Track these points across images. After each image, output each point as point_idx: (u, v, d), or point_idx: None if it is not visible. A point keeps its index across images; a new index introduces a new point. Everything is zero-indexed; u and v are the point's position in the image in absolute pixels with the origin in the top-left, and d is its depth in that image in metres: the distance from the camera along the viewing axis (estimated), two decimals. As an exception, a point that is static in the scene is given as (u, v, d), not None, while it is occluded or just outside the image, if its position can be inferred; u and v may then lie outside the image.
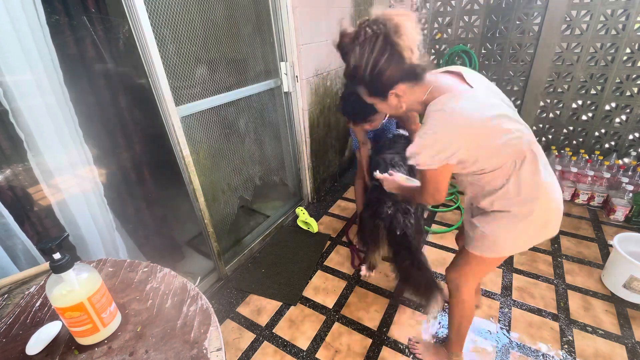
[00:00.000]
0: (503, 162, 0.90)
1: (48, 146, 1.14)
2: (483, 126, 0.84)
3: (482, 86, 0.90)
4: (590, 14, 2.17)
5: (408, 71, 0.83)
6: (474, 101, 0.85)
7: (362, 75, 0.83)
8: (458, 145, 0.84)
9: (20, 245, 1.12)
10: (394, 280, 1.79)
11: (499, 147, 0.87)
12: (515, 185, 0.92)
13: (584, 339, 1.45)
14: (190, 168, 1.53)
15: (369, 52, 0.79)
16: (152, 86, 1.33)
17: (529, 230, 0.98)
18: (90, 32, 1.36)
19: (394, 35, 0.77)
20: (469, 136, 0.84)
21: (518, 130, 0.88)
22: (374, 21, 0.80)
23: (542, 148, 2.58)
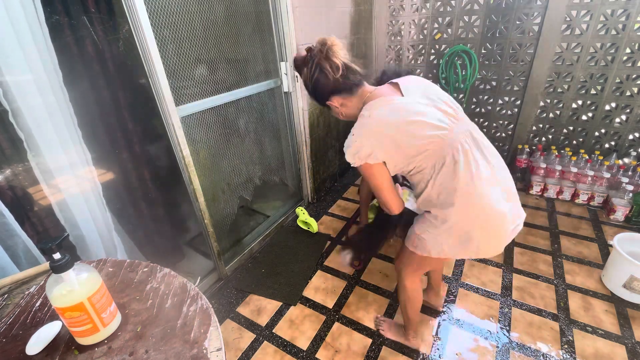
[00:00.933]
0: (424, 166, 0.97)
1: (48, 146, 1.14)
2: (395, 130, 0.95)
3: (415, 94, 1.00)
4: (590, 14, 2.17)
5: (334, 87, 1.01)
6: (394, 108, 0.97)
7: (307, 88, 1.06)
8: (371, 147, 0.96)
9: (21, 245, 1.12)
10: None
11: (413, 151, 0.95)
12: (434, 188, 0.98)
13: (584, 339, 1.45)
14: (190, 168, 1.53)
15: (308, 71, 1.01)
16: (152, 86, 1.33)
17: (449, 239, 1.01)
18: (90, 32, 1.35)
19: (323, 59, 0.97)
20: (380, 139, 0.96)
21: (438, 136, 0.94)
22: (310, 48, 1.02)
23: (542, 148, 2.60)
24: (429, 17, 2.71)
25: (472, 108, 2.83)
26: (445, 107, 0.99)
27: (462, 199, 0.94)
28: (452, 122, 0.98)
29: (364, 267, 1.92)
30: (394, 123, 0.95)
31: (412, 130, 0.94)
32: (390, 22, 2.90)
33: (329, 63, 0.97)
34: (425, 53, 2.86)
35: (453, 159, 0.94)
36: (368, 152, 0.96)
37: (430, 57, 2.86)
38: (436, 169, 0.96)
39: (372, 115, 0.97)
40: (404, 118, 0.95)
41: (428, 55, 2.86)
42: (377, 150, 0.96)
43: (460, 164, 0.93)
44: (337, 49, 0.98)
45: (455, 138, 0.95)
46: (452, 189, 0.94)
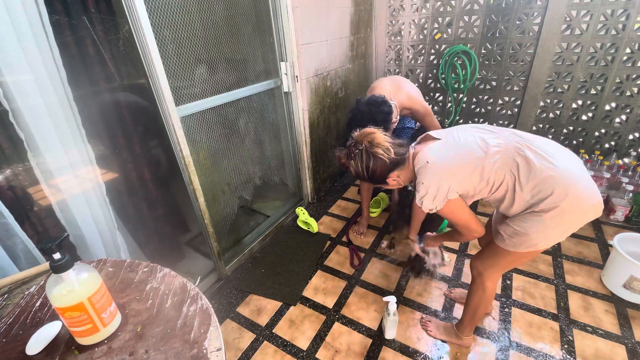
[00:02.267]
0: (501, 177, 1.02)
1: (48, 146, 1.14)
2: (459, 160, 1.04)
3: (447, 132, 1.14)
4: (590, 14, 2.17)
5: (391, 164, 1.13)
6: (443, 147, 1.08)
7: (363, 176, 1.16)
8: (447, 186, 1.04)
9: (21, 245, 1.12)
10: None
11: (482, 169, 1.02)
12: (524, 190, 1.00)
13: (584, 339, 1.45)
14: (190, 168, 1.53)
15: (360, 162, 1.13)
16: (152, 86, 1.33)
17: (560, 223, 1.00)
18: (90, 32, 1.36)
19: (371, 147, 1.11)
20: (451, 173, 1.04)
21: (494, 146, 1.03)
22: (355, 142, 1.15)
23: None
24: (429, 17, 2.71)
25: (472, 108, 2.83)
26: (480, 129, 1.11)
27: (556, 183, 0.96)
28: (496, 133, 1.07)
29: (364, 267, 1.92)
30: (452, 155, 1.06)
31: (471, 151, 1.04)
32: (390, 22, 2.90)
33: (379, 148, 1.10)
34: (425, 53, 2.86)
35: (522, 157, 0.99)
36: (446, 190, 1.04)
37: (430, 57, 2.86)
38: (514, 173, 1.00)
39: (430, 161, 1.06)
40: (457, 147, 1.06)
41: (428, 55, 2.86)
42: (453, 184, 1.04)
43: (531, 158, 0.98)
44: (379, 135, 1.13)
45: (510, 141, 1.04)
46: (541, 181, 0.97)
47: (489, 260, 1.22)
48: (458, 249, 2.02)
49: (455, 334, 1.43)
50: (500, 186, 1.03)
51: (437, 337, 1.48)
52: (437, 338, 1.47)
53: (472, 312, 1.34)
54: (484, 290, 1.26)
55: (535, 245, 1.06)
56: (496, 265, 1.21)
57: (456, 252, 2.00)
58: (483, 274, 1.24)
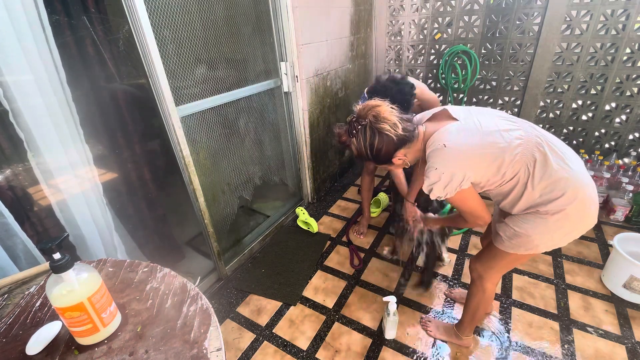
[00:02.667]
0: (516, 171, 0.96)
1: (48, 146, 1.14)
2: (479, 147, 0.96)
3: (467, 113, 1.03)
4: (590, 14, 2.17)
5: (398, 142, 1.01)
6: (463, 131, 0.98)
7: (366, 156, 1.04)
8: (463, 174, 0.95)
9: (21, 245, 1.12)
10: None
11: (502, 161, 0.95)
12: (535, 188, 0.96)
13: (584, 339, 1.45)
14: (190, 168, 1.53)
15: (364, 140, 1.01)
16: (152, 86, 1.33)
17: (564, 226, 0.98)
18: (90, 32, 1.36)
19: (376, 122, 0.99)
20: (469, 163, 0.96)
21: (517, 138, 0.96)
22: (358, 116, 1.03)
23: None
24: (429, 17, 2.71)
25: (472, 108, 2.83)
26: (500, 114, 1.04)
27: (568, 186, 0.93)
28: (517, 124, 1.01)
29: (364, 267, 1.92)
30: (473, 142, 0.96)
31: (494, 141, 0.96)
32: (390, 22, 2.90)
33: (386, 123, 0.99)
34: (425, 53, 2.86)
35: (541, 153, 0.95)
36: (460, 178, 0.96)
37: (430, 57, 2.86)
38: (529, 169, 0.95)
39: (448, 145, 0.96)
40: (479, 134, 0.97)
41: (428, 55, 2.86)
42: (468, 173, 0.96)
43: (549, 156, 0.94)
44: (386, 108, 1.01)
45: (531, 134, 0.98)
46: (554, 181, 0.94)
47: (488, 262, 1.19)
48: (458, 248, 2.02)
49: (455, 334, 1.43)
50: (511, 180, 0.98)
51: (436, 337, 1.47)
52: (437, 338, 1.47)
53: (472, 313, 1.33)
54: (484, 291, 1.24)
55: (536, 247, 1.04)
56: (496, 267, 1.18)
57: (456, 252, 2.00)
58: (483, 276, 1.21)
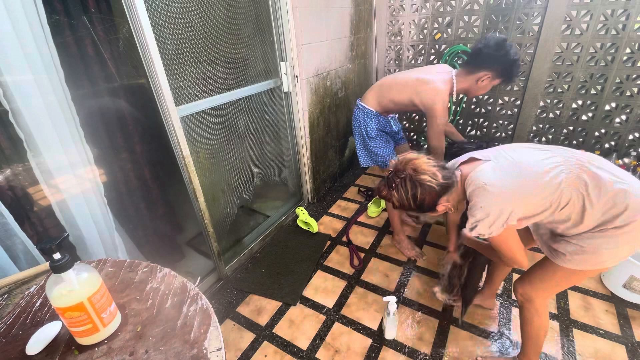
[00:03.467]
0: (567, 198, 0.94)
1: (48, 146, 1.14)
2: (520, 181, 0.96)
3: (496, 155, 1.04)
4: (590, 14, 2.17)
5: (441, 190, 1.03)
6: (499, 169, 0.99)
7: (409, 207, 1.06)
8: (510, 210, 0.95)
9: (20, 245, 1.11)
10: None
11: (548, 190, 0.94)
12: (595, 209, 0.93)
13: (584, 339, 1.45)
14: (190, 168, 1.53)
15: (405, 192, 1.03)
16: (152, 86, 1.33)
17: (634, 239, 0.94)
18: (90, 32, 1.36)
19: (416, 175, 1.02)
20: (513, 199, 0.95)
21: (556, 164, 0.96)
22: (396, 170, 1.07)
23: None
24: (429, 17, 2.71)
25: (472, 108, 2.83)
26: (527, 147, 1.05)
27: (628, 197, 0.91)
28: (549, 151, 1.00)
29: (364, 267, 1.92)
30: (512, 177, 0.97)
31: (533, 172, 0.96)
32: (390, 22, 2.90)
33: (426, 175, 1.01)
34: (425, 53, 2.86)
35: (588, 172, 0.93)
36: (507, 214, 0.95)
37: (430, 57, 2.86)
38: (582, 192, 0.93)
39: (489, 182, 0.97)
40: (515, 169, 0.98)
41: (428, 55, 2.86)
42: (515, 208, 0.95)
43: (598, 173, 0.93)
44: (422, 160, 1.04)
45: (568, 157, 0.98)
46: (613, 196, 0.91)
47: (544, 283, 1.12)
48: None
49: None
50: (565, 207, 0.95)
51: None
52: None
53: (535, 340, 1.22)
54: (539, 315, 1.15)
55: (603, 263, 0.98)
56: (552, 288, 1.12)
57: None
58: (535, 299, 1.13)
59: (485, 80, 1.59)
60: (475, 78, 1.61)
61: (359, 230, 2.27)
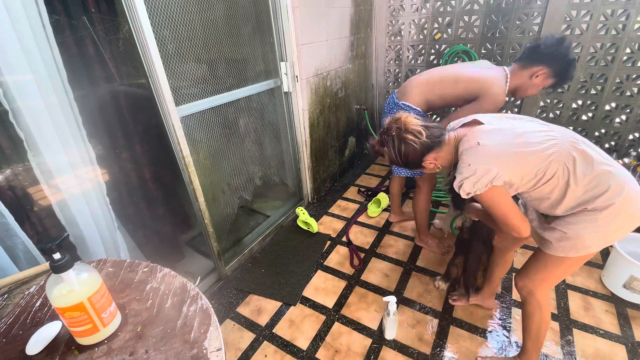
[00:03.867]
0: (553, 171, 0.95)
1: (48, 146, 1.14)
2: (513, 147, 0.97)
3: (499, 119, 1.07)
4: (590, 14, 2.17)
5: (424, 148, 1.08)
6: (496, 131, 1.02)
7: (398, 162, 1.13)
8: (496, 170, 0.97)
9: (21, 245, 1.12)
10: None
11: (536, 160, 0.96)
12: (578, 185, 0.94)
13: (584, 339, 1.45)
14: (190, 168, 1.53)
15: (392, 148, 1.11)
16: (152, 86, 1.33)
17: (614, 222, 0.95)
18: (90, 32, 1.36)
19: (401, 133, 1.08)
20: (502, 161, 0.97)
21: (551, 138, 0.97)
22: (386, 129, 1.13)
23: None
24: (429, 17, 2.71)
25: (472, 108, 2.83)
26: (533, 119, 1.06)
27: (612, 179, 0.92)
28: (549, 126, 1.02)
29: (364, 267, 1.92)
30: (506, 140, 0.99)
31: (527, 141, 0.97)
32: (390, 22, 2.90)
33: (409, 133, 1.07)
34: (425, 53, 2.86)
35: (579, 151, 0.95)
36: (493, 175, 0.97)
37: (430, 57, 2.86)
38: (570, 167, 0.94)
39: (482, 142, 0.99)
40: (512, 134, 0.99)
41: (428, 55, 2.86)
42: (502, 170, 0.97)
43: (588, 152, 0.94)
44: (410, 119, 1.10)
45: (565, 134, 0.99)
46: (597, 175, 0.93)
47: (539, 274, 1.13)
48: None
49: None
50: (549, 181, 0.97)
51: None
52: None
53: (535, 337, 1.22)
54: (541, 308, 1.16)
55: (588, 248, 0.99)
56: (547, 277, 1.12)
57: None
58: (535, 292, 1.14)
59: (541, 76, 1.50)
60: (529, 73, 1.52)
61: (359, 230, 2.27)
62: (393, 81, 3.15)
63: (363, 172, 3.10)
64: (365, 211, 2.45)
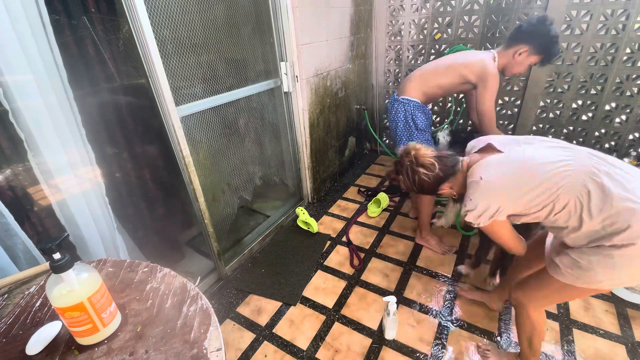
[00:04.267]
0: (564, 203, 0.92)
1: (48, 146, 1.14)
2: (515, 184, 0.97)
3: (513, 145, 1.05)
4: (590, 14, 2.17)
5: (438, 179, 1.12)
6: (503, 163, 1.01)
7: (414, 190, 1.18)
8: (497, 206, 0.99)
9: (20, 245, 1.12)
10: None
11: (543, 192, 0.94)
12: (593, 220, 0.90)
13: (584, 339, 1.45)
14: (190, 168, 1.53)
15: (406, 178, 1.16)
16: (152, 86, 1.33)
17: (632, 264, 0.89)
18: (90, 32, 1.36)
19: (414, 165, 1.13)
20: (503, 197, 0.99)
21: (565, 169, 0.93)
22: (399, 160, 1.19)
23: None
24: (429, 17, 2.71)
25: (472, 108, 2.83)
26: (551, 144, 1.03)
27: (633, 216, 0.85)
28: (569, 152, 0.98)
29: (364, 267, 1.92)
30: (510, 174, 0.99)
31: (535, 175, 0.95)
32: (390, 22, 2.90)
33: (421, 167, 1.12)
34: (425, 53, 2.86)
35: (596, 184, 0.89)
36: (494, 210, 1.00)
37: (430, 57, 2.85)
38: (584, 200, 0.89)
39: (484, 177, 1.00)
40: (519, 167, 0.99)
41: (428, 55, 2.86)
42: (503, 205, 0.99)
43: (607, 186, 0.88)
44: (422, 152, 1.14)
45: (583, 164, 0.93)
46: (616, 213, 0.86)
47: (536, 292, 1.11)
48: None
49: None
50: (561, 212, 0.93)
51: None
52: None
53: (528, 343, 1.22)
54: (531, 321, 1.15)
55: (599, 283, 0.95)
56: (545, 298, 1.11)
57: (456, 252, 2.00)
58: (527, 305, 1.14)
59: (523, 54, 1.59)
60: (512, 51, 1.61)
61: (359, 230, 2.27)
62: (393, 81, 3.15)
63: (363, 172, 3.10)
64: (365, 211, 2.45)
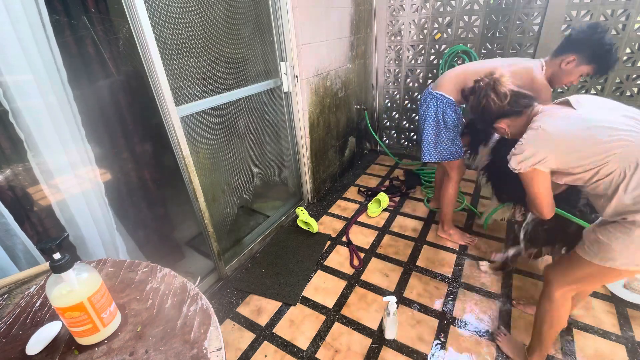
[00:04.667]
0: (609, 170, 0.92)
1: (48, 146, 1.14)
2: (574, 137, 0.97)
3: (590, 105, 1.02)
4: (590, 14, 2.17)
5: (501, 111, 1.14)
6: (567, 118, 1.01)
7: (475, 112, 1.21)
8: (543, 155, 0.99)
9: (20, 245, 1.12)
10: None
11: (596, 156, 0.93)
12: (627, 194, 0.90)
13: (584, 339, 1.45)
14: (190, 168, 1.53)
15: (476, 98, 1.18)
16: (152, 86, 1.33)
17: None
18: (90, 32, 1.36)
19: (490, 90, 1.13)
20: (553, 148, 0.99)
21: (626, 139, 0.91)
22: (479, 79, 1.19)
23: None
24: (429, 17, 2.71)
25: (472, 108, 2.83)
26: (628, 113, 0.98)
27: None
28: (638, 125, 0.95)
29: (364, 267, 1.92)
30: (571, 130, 0.98)
31: (594, 135, 0.94)
32: (390, 22, 2.90)
33: (495, 93, 1.12)
34: (425, 53, 2.86)
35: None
36: (538, 159, 1.00)
37: (430, 57, 2.86)
38: (628, 173, 0.89)
39: (542, 127, 1.01)
40: (581, 125, 0.97)
41: (428, 55, 2.86)
42: (551, 156, 0.98)
43: None
44: (504, 80, 1.13)
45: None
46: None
47: (561, 268, 1.12)
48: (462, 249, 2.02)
49: (524, 356, 1.33)
50: (604, 178, 0.93)
51: (503, 349, 1.39)
52: (503, 351, 1.39)
53: (539, 332, 1.20)
54: (551, 301, 1.14)
55: (613, 261, 0.95)
56: (568, 276, 1.10)
57: (456, 252, 2.00)
58: (552, 281, 1.14)
59: (571, 63, 1.49)
60: (559, 61, 1.52)
61: (359, 230, 2.27)
62: (393, 81, 3.15)
63: (363, 172, 3.10)
64: (365, 211, 2.45)
